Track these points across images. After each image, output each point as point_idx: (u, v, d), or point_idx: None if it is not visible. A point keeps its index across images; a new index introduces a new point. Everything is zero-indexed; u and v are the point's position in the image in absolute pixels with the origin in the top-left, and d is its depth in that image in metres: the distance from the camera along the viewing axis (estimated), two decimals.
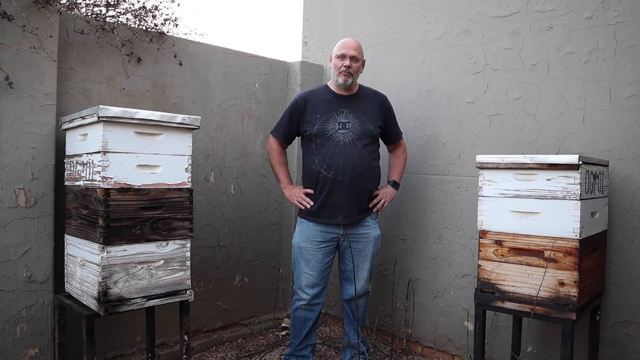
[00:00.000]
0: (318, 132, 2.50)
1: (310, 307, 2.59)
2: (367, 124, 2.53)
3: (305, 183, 2.61)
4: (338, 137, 2.49)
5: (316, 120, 2.52)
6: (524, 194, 2.03)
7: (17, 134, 2.17)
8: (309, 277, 2.56)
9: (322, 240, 2.54)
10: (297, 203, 2.58)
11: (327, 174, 2.48)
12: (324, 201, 2.50)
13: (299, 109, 2.57)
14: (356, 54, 2.51)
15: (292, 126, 2.60)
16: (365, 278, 2.61)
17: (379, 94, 2.67)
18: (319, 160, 2.50)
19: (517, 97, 2.59)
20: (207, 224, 3.02)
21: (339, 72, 2.51)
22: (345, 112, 2.53)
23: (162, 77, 2.78)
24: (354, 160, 2.48)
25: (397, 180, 2.71)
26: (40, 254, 2.24)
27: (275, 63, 3.40)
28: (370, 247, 2.59)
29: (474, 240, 2.70)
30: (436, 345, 2.93)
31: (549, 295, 1.95)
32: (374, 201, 2.59)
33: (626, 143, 2.27)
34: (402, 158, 2.75)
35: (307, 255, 2.55)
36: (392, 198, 2.66)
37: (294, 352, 2.63)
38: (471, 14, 2.78)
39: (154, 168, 2.09)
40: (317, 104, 2.55)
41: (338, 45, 2.56)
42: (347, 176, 2.47)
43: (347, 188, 2.48)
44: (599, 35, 2.33)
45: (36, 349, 2.24)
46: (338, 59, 2.52)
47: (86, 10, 2.49)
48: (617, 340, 2.29)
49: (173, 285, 2.15)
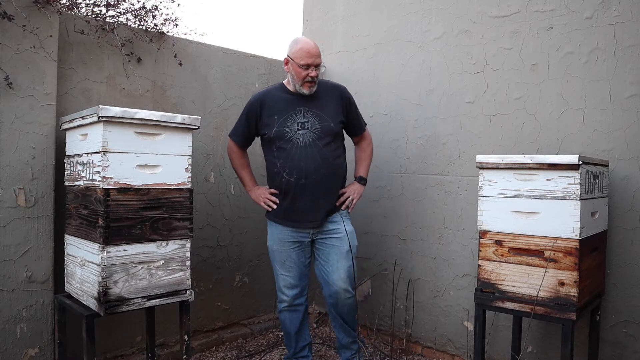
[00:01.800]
0: (277, 134, 2.42)
1: (293, 308, 2.55)
2: (327, 121, 2.44)
3: (270, 184, 2.55)
4: (298, 138, 2.40)
5: (274, 122, 2.43)
6: (524, 194, 2.03)
7: (17, 134, 2.17)
8: (286, 278, 2.51)
9: (294, 241, 2.49)
10: (263, 205, 2.53)
11: (289, 178, 2.41)
12: (290, 206, 2.45)
13: (255, 111, 2.48)
14: (320, 60, 2.42)
15: (250, 129, 2.53)
16: (343, 278, 2.45)
17: (337, 86, 2.58)
18: (281, 164, 2.42)
19: (517, 97, 2.59)
20: (207, 224, 3.02)
21: (302, 82, 2.39)
22: (303, 111, 2.43)
23: (162, 77, 2.78)
24: (316, 162, 2.40)
25: (364, 175, 2.64)
26: (40, 254, 2.24)
27: (275, 63, 3.40)
28: (346, 243, 2.45)
29: (474, 240, 2.70)
30: (436, 345, 2.93)
31: (549, 295, 1.95)
32: (341, 199, 2.52)
33: (626, 143, 2.27)
34: (367, 151, 2.67)
35: (281, 257, 2.51)
36: (359, 194, 2.58)
37: (293, 355, 2.61)
38: (471, 14, 2.78)
39: (154, 168, 2.09)
40: (273, 104, 2.45)
41: (299, 53, 2.38)
42: (311, 179, 2.39)
43: (312, 192, 2.41)
44: (599, 35, 2.33)
45: (36, 349, 2.24)
46: (301, 67, 2.36)
47: (86, 10, 2.50)
48: (617, 340, 2.29)
49: (173, 285, 2.15)
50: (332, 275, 2.47)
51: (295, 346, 2.59)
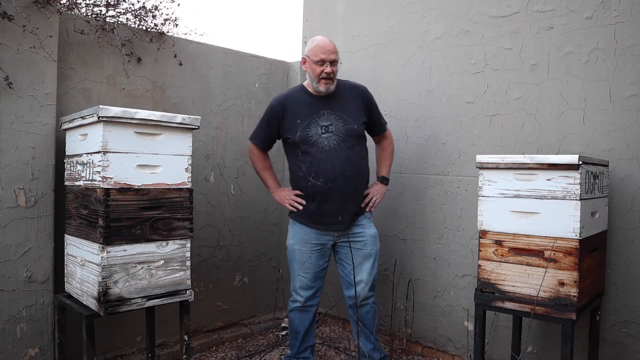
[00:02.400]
0: (301, 139, 2.41)
1: (304, 309, 2.57)
2: (350, 124, 2.44)
3: (294, 187, 2.54)
4: (322, 142, 2.40)
5: (297, 126, 2.42)
6: (524, 194, 2.03)
7: (17, 134, 2.17)
8: (303, 279, 2.52)
9: (317, 243, 2.50)
10: (288, 206, 2.52)
11: (316, 182, 2.41)
12: (316, 209, 2.45)
13: (277, 114, 2.47)
14: (335, 57, 2.39)
15: (272, 133, 2.52)
16: (365, 280, 2.50)
17: (358, 86, 2.56)
18: (307, 168, 2.42)
19: (517, 97, 2.59)
20: (207, 224, 3.02)
21: (319, 79, 2.38)
22: (326, 114, 2.43)
23: (162, 77, 2.78)
24: (342, 165, 2.40)
25: (386, 175, 2.65)
26: (40, 254, 2.24)
27: (275, 63, 3.40)
28: (369, 246, 2.51)
29: (474, 240, 2.70)
30: (436, 345, 2.93)
31: (549, 295, 1.95)
32: (365, 200, 2.54)
33: (626, 143, 2.27)
34: (388, 150, 2.67)
35: (301, 258, 2.51)
36: (382, 195, 2.61)
37: (295, 355, 2.60)
38: (471, 14, 2.78)
39: (154, 168, 2.09)
40: (295, 108, 2.44)
41: (314, 49, 2.39)
42: (337, 183, 2.40)
43: (338, 195, 2.41)
44: (599, 35, 2.33)
45: (36, 349, 2.24)
46: (317, 64, 2.36)
47: (86, 10, 2.50)
48: (617, 340, 2.29)
49: (173, 285, 2.15)
50: (356, 276, 2.49)
51: (299, 346, 2.59)
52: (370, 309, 2.56)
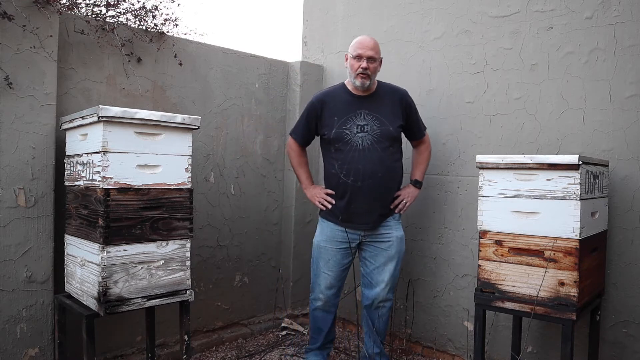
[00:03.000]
0: (336, 136, 2.45)
1: (327, 308, 2.62)
2: (386, 125, 2.46)
3: (326, 185, 2.58)
4: (357, 141, 2.44)
5: (334, 123, 2.47)
6: (524, 194, 2.03)
7: (17, 134, 2.17)
8: (327, 277, 2.56)
9: (343, 241, 2.52)
10: (318, 204, 2.57)
11: (346, 179, 2.44)
12: (345, 207, 2.48)
13: (316, 111, 2.53)
14: (373, 53, 2.43)
15: (310, 128, 2.58)
16: (386, 281, 2.51)
17: (399, 90, 2.59)
18: (339, 166, 2.46)
19: (517, 97, 2.59)
20: (207, 224, 3.02)
21: (356, 74, 2.43)
22: (363, 114, 2.46)
23: (162, 77, 2.78)
24: (374, 165, 2.43)
25: (420, 179, 2.66)
26: (40, 254, 2.24)
27: (275, 63, 3.40)
28: (394, 248, 2.51)
29: (474, 240, 2.70)
30: (436, 345, 2.93)
31: (549, 295, 1.95)
32: (395, 202, 2.55)
33: (626, 143, 2.27)
34: (424, 155, 2.69)
35: (327, 255, 2.54)
36: (414, 198, 2.62)
37: (319, 348, 2.66)
38: (471, 14, 2.78)
39: (154, 168, 2.09)
40: (334, 105, 2.50)
41: (354, 45, 2.47)
42: (367, 182, 2.42)
43: (367, 195, 2.44)
44: (599, 35, 2.33)
45: (36, 349, 2.24)
46: (354, 59, 2.43)
47: (86, 10, 2.49)
48: (617, 340, 2.29)
49: (173, 285, 2.15)
50: (375, 277, 2.53)
51: (323, 340, 2.65)
52: (385, 313, 2.58)
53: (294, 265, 3.44)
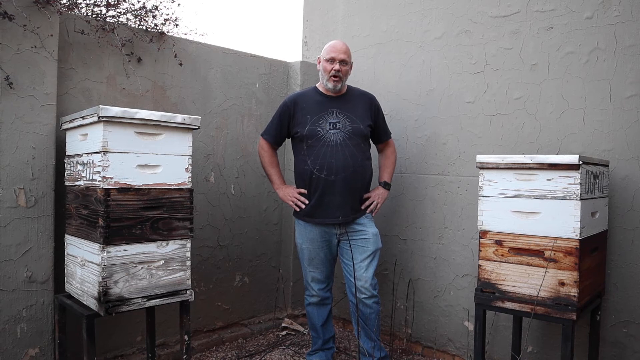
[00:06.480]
0: (309, 133, 2.53)
1: (321, 303, 2.70)
2: (357, 123, 2.56)
3: (298, 184, 2.64)
4: (329, 137, 2.52)
5: (307, 121, 2.55)
6: (524, 194, 2.03)
7: (17, 134, 2.17)
8: (313, 274, 2.65)
9: (323, 240, 2.59)
10: (291, 203, 2.61)
11: (319, 174, 2.51)
12: (318, 202, 2.53)
13: (289, 111, 2.60)
14: (345, 57, 2.54)
15: (283, 128, 2.64)
16: (369, 277, 2.53)
17: (367, 93, 2.71)
18: (312, 161, 2.52)
19: (517, 97, 2.59)
20: (207, 224, 3.02)
21: (328, 76, 2.53)
22: (335, 112, 2.56)
23: (162, 77, 2.78)
24: (346, 160, 2.50)
25: (388, 180, 2.73)
26: (41, 254, 2.24)
27: (275, 63, 3.40)
28: (371, 244, 2.55)
29: (474, 240, 2.70)
30: (436, 345, 2.93)
31: (549, 295, 1.95)
32: (366, 203, 2.61)
33: (626, 143, 2.27)
34: (391, 158, 2.77)
35: (310, 255, 2.62)
36: (384, 199, 2.69)
37: (320, 348, 2.71)
38: (471, 14, 2.78)
39: (154, 168, 2.09)
40: (306, 105, 2.58)
41: (327, 49, 2.57)
42: (340, 176, 2.50)
43: (340, 188, 2.50)
44: (599, 35, 2.33)
45: (36, 349, 2.24)
46: (327, 62, 2.54)
47: (86, 10, 2.49)
48: (617, 340, 2.29)
49: (173, 285, 2.15)
50: (357, 273, 2.56)
51: (322, 338, 2.71)
52: (373, 309, 2.58)
53: (294, 265, 3.43)
